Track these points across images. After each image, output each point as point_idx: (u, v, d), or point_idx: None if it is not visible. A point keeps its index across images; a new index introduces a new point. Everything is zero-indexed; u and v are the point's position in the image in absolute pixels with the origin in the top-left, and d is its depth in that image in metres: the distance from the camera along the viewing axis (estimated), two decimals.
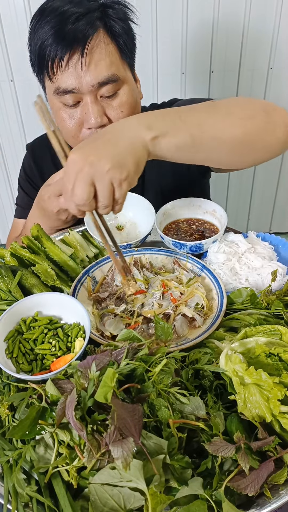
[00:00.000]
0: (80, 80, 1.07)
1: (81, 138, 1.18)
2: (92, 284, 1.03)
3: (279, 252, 1.09)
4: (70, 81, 1.08)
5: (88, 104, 1.11)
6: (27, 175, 1.49)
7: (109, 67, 1.08)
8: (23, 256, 1.05)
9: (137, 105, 1.22)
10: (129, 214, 1.23)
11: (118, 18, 1.09)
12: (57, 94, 1.11)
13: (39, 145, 1.47)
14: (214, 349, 0.82)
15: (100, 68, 1.07)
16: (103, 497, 0.59)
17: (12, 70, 2.30)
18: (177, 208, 1.21)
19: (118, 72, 1.10)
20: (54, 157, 1.42)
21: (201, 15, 2.17)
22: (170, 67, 2.33)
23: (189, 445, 0.68)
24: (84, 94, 1.09)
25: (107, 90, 1.10)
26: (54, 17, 1.05)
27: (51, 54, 1.06)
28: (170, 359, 0.73)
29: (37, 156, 1.46)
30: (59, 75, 1.08)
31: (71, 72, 1.06)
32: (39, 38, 1.08)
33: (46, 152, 1.42)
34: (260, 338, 0.77)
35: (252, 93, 2.44)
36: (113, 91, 1.11)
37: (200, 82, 2.38)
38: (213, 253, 1.07)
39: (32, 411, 0.67)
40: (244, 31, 2.23)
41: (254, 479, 0.62)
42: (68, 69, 1.06)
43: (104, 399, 0.60)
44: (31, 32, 1.11)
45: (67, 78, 1.08)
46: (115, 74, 1.09)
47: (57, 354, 0.83)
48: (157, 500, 0.57)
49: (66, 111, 1.14)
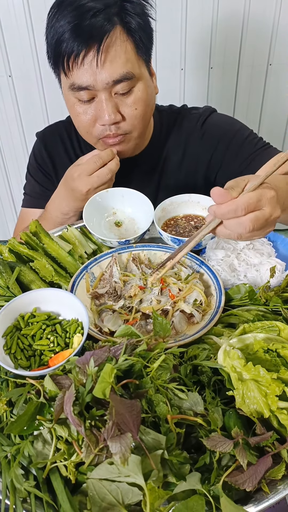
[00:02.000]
0: (95, 78, 1.07)
1: (95, 134, 1.18)
2: (90, 280, 1.03)
3: (277, 249, 1.09)
4: (85, 78, 1.07)
5: (102, 101, 1.10)
6: (38, 163, 1.48)
7: (124, 65, 1.07)
8: (21, 252, 1.05)
9: (151, 101, 1.22)
10: (128, 210, 1.23)
11: (136, 13, 1.08)
12: (72, 89, 1.11)
13: (50, 133, 1.46)
14: (213, 345, 0.82)
15: (116, 66, 1.06)
16: (101, 492, 0.59)
17: (11, 65, 2.29)
18: (175, 204, 1.20)
19: (133, 70, 1.10)
20: (65, 145, 1.43)
21: (200, 11, 2.16)
22: (169, 63, 2.32)
23: (187, 440, 0.68)
24: (99, 91, 1.09)
25: (121, 88, 1.10)
26: (71, 11, 1.04)
27: (67, 50, 1.05)
28: (168, 355, 0.73)
29: (49, 144, 1.45)
30: (74, 71, 1.08)
31: (87, 69, 1.06)
32: (56, 32, 1.07)
33: (57, 140, 1.43)
34: (258, 334, 0.77)
35: (252, 89, 2.44)
36: (128, 88, 1.11)
37: (199, 78, 2.38)
38: (211, 249, 1.06)
39: (30, 407, 0.67)
40: (244, 27, 2.23)
41: (252, 475, 0.62)
42: (84, 65, 1.06)
43: (102, 395, 0.60)
44: (48, 24, 1.10)
45: (82, 75, 1.07)
46: (130, 71, 1.09)
47: (55, 350, 0.83)
48: (155, 495, 0.57)
49: (80, 106, 1.14)
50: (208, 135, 1.34)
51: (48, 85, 2.37)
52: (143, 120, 1.19)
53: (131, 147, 1.25)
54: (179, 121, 1.38)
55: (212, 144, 1.33)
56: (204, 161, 1.36)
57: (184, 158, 1.38)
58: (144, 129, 1.23)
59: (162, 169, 1.39)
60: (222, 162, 1.33)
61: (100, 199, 1.20)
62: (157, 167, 1.39)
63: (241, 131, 1.33)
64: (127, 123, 1.16)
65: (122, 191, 1.21)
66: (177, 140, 1.37)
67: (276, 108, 2.50)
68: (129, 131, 1.18)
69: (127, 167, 1.29)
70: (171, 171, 1.39)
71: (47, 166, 1.46)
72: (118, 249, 1.10)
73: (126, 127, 1.17)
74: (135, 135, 1.21)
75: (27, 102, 2.42)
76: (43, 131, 1.49)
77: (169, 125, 1.38)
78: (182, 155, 1.37)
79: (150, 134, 1.36)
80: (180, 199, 1.20)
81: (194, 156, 1.36)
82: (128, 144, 1.22)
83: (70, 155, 1.44)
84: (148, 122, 1.25)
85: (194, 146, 1.36)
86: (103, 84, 1.08)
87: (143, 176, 1.38)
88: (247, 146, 1.31)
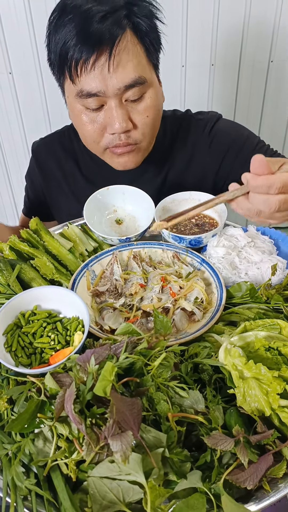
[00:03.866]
0: (106, 83, 1.02)
1: (102, 144, 1.13)
2: (91, 278, 1.03)
3: (279, 246, 1.09)
4: (95, 83, 1.02)
5: (112, 108, 1.05)
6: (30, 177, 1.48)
7: (136, 69, 1.03)
8: (22, 249, 1.05)
9: (161, 109, 1.18)
10: (129, 208, 1.23)
11: (144, 16, 1.04)
12: (80, 97, 1.06)
13: (45, 147, 1.42)
14: (213, 343, 0.82)
15: (128, 71, 1.02)
16: (102, 490, 0.59)
17: (11, 62, 2.28)
18: (176, 202, 1.20)
19: (145, 74, 1.05)
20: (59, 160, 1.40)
21: (201, 8, 2.15)
22: (170, 60, 2.31)
23: (188, 438, 0.68)
24: (109, 97, 1.04)
25: (133, 94, 1.05)
26: (78, 15, 0.99)
27: (75, 55, 1.00)
28: (169, 353, 0.73)
29: (42, 161, 1.42)
30: (83, 77, 1.02)
31: (97, 74, 1.01)
32: (61, 37, 1.01)
33: (50, 156, 1.40)
34: (259, 332, 0.77)
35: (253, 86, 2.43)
36: (139, 95, 1.06)
37: (201, 75, 2.36)
38: (212, 247, 1.06)
39: (31, 405, 0.67)
40: (245, 23, 2.21)
41: (253, 473, 0.62)
42: (94, 70, 1.01)
43: (103, 393, 0.60)
44: (50, 30, 1.05)
45: (91, 80, 1.02)
46: (142, 76, 1.04)
47: (56, 347, 0.83)
48: (156, 493, 0.57)
49: (88, 114, 1.09)
50: (217, 143, 1.31)
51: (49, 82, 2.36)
52: (153, 129, 1.15)
53: (139, 159, 1.20)
54: (184, 128, 1.35)
55: (221, 152, 1.30)
56: (213, 169, 1.33)
57: (190, 166, 1.35)
58: (152, 139, 1.19)
59: (165, 177, 1.36)
60: (231, 170, 1.31)
61: (100, 196, 1.19)
62: (160, 175, 1.35)
63: (250, 139, 1.31)
64: (138, 132, 1.11)
65: (122, 189, 1.21)
66: (182, 147, 1.34)
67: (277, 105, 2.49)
68: (139, 141, 1.13)
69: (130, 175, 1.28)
70: (176, 179, 1.36)
71: (38, 181, 1.45)
72: (119, 247, 1.10)
73: (137, 136, 1.12)
74: (144, 146, 1.17)
75: (27, 99, 2.42)
76: (37, 146, 1.44)
77: (173, 132, 1.35)
78: (188, 162, 1.34)
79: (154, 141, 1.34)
80: (181, 196, 1.20)
81: (201, 164, 1.33)
82: (137, 155, 1.18)
83: (65, 171, 1.40)
84: (156, 131, 1.21)
85: (201, 154, 1.33)
86: (114, 90, 1.03)
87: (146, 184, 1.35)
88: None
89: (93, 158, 1.32)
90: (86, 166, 1.38)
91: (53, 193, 1.44)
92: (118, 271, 1.04)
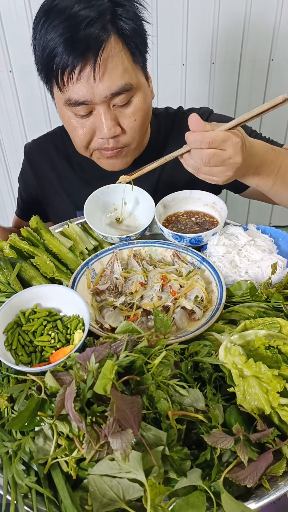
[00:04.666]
0: (93, 91, 1.02)
1: (92, 147, 1.15)
2: (91, 277, 1.03)
3: (279, 245, 1.09)
4: (82, 92, 1.02)
5: (101, 114, 1.06)
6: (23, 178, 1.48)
7: (122, 76, 1.03)
8: (22, 248, 1.05)
9: (150, 110, 1.18)
10: (129, 206, 1.23)
11: (129, 18, 1.02)
12: (68, 105, 1.07)
13: (37, 149, 1.42)
14: (214, 341, 0.82)
15: (114, 78, 1.02)
16: (102, 488, 0.59)
17: (11, 60, 2.28)
18: (176, 201, 1.20)
19: (131, 80, 1.05)
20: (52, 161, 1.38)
21: (202, 6, 2.15)
22: (170, 58, 2.31)
23: (188, 436, 0.68)
24: (97, 104, 1.05)
25: (120, 100, 1.06)
26: (63, 21, 0.97)
27: (61, 64, 0.99)
28: (169, 351, 0.73)
29: (35, 163, 1.42)
30: (70, 86, 1.02)
31: (83, 83, 1.01)
32: (47, 45, 1.00)
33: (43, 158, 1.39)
34: (259, 331, 0.77)
35: (253, 85, 2.42)
36: (126, 100, 1.07)
37: (201, 73, 2.36)
38: (212, 245, 1.06)
39: (31, 403, 0.67)
40: (246, 22, 2.21)
41: (252, 471, 0.62)
42: (80, 80, 1.01)
43: (103, 391, 0.60)
44: (35, 34, 1.04)
45: (79, 89, 1.02)
46: (128, 83, 1.04)
47: (56, 346, 0.83)
48: (156, 491, 0.57)
49: (77, 120, 1.10)
50: None
51: None
52: (141, 130, 1.15)
53: (128, 161, 1.22)
54: (177, 124, 1.35)
55: None
56: None
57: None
58: (142, 139, 1.20)
59: (160, 174, 1.35)
60: None
61: (101, 195, 1.19)
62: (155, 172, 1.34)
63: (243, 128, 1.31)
64: (126, 136, 1.13)
65: (123, 187, 1.21)
66: (176, 143, 1.32)
67: None
68: (128, 144, 1.15)
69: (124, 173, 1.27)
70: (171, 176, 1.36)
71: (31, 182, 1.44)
72: (119, 246, 1.10)
73: (126, 140, 1.13)
74: (133, 147, 1.17)
75: (27, 97, 2.41)
76: (30, 147, 1.44)
77: (166, 129, 1.35)
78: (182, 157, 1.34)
79: (148, 139, 1.32)
80: (181, 195, 1.20)
81: None
82: (126, 157, 1.19)
83: (59, 172, 1.40)
84: (146, 131, 1.22)
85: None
86: (101, 98, 1.03)
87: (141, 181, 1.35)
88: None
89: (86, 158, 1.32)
90: (80, 167, 1.38)
91: (48, 194, 1.43)
92: (118, 269, 1.04)
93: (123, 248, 1.10)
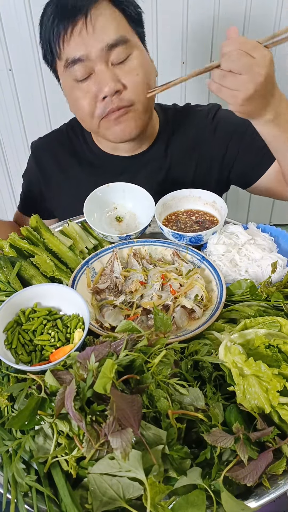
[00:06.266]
0: (87, 46, 1.04)
1: (97, 114, 1.13)
2: (91, 276, 1.03)
3: (279, 244, 1.09)
4: (77, 48, 1.05)
5: (100, 72, 1.07)
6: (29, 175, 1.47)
7: (117, 29, 1.05)
8: (22, 247, 1.05)
9: (151, 74, 1.17)
10: (129, 205, 1.23)
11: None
12: (67, 67, 1.08)
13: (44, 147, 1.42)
14: (214, 340, 0.82)
15: (108, 31, 1.04)
16: (102, 486, 0.60)
17: (11, 58, 2.28)
18: (176, 199, 1.20)
19: (127, 35, 1.07)
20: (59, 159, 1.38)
21: (202, 4, 2.14)
22: (170, 56, 2.30)
23: (188, 435, 0.68)
24: (94, 61, 1.06)
25: (117, 55, 1.06)
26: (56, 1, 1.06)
27: (55, 31, 1.04)
28: (169, 350, 0.73)
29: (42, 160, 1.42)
30: (65, 47, 1.06)
31: (77, 40, 1.04)
32: (44, 24, 1.07)
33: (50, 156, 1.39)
34: (259, 330, 0.77)
35: None
36: (124, 56, 1.07)
37: None
38: (212, 244, 1.06)
39: (31, 402, 0.67)
40: (245, 20, 2.21)
41: (252, 469, 0.62)
42: (74, 36, 1.04)
43: (103, 390, 0.60)
44: (40, 26, 1.09)
45: (73, 47, 1.05)
46: (123, 35, 1.06)
47: (56, 345, 0.83)
48: (156, 489, 0.57)
49: (79, 87, 1.10)
50: (221, 129, 1.32)
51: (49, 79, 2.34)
52: (144, 87, 1.12)
53: (137, 125, 1.17)
54: (185, 118, 1.36)
55: (226, 138, 1.31)
56: (219, 154, 1.34)
57: (195, 155, 1.35)
58: (147, 101, 1.16)
59: (169, 168, 1.36)
60: (238, 154, 1.32)
61: (100, 194, 1.19)
62: (164, 164, 1.36)
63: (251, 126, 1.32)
64: (129, 91, 1.11)
65: (123, 186, 1.21)
66: (185, 137, 1.35)
67: None
68: (132, 101, 1.12)
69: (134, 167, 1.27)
70: (180, 170, 1.37)
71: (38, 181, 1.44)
72: (119, 244, 1.10)
73: (129, 96, 1.11)
74: (139, 108, 1.14)
75: (27, 96, 2.41)
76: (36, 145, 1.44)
77: (175, 122, 1.36)
78: (192, 151, 1.35)
79: (156, 131, 1.33)
80: (181, 194, 1.20)
81: (207, 150, 1.34)
82: (133, 119, 1.15)
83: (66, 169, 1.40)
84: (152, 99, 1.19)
85: (206, 140, 1.33)
86: (97, 52, 1.04)
87: (150, 174, 1.35)
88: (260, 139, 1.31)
89: (94, 153, 1.32)
90: (87, 163, 1.37)
91: (54, 192, 1.43)
92: (118, 268, 1.04)
93: (123, 247, 1.10)
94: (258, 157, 1.28)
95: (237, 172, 1.37)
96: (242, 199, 2.90)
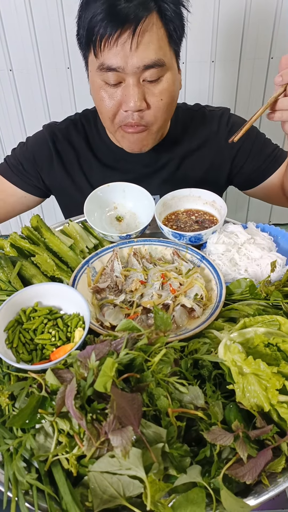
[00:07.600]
0: (126, 60, 1.05)
1: (117, 121, 1.16)
2: (91, 275, 1.03)
3: (278, 243, 1.09)
4: (116, 59, 1.05)
5: (129, 86, 1.08)
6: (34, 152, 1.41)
7: (157, 51, 1.06)
8: (23, 246, 1.05)
9: (176, 95, 1.20)
10: (129, 204, 1.23)
11: (171, 2, 1.06)
12: (100, 70, 1.09)
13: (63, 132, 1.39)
14: (213, 339, 0.82)
15: (149, 51, 1.05)
16: (103, 484, 0.60)
17: (11, 59, 2.28)
18: (176, 199, 1.20)
19: (165, 58, 1.08)
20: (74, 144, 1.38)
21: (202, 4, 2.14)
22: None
23: (188, 433, 0.68)
24: (127, 74, 1.07)
25: (150, 75, 1.08)
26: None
27: (101, 30, 1.03)
28: (169, 349, 0.73)
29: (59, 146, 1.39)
30: (105, 51, 1.06)
31: (119, 50, 1.04)
32: (90, 12, 1.05)
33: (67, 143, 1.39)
34: (259, 328, 0.77)
35: (253, 83, 2.42)
36: (157, 77, 1.09)
37: (201, 71, 2.36)
38: (212, 243, 1.06)
39: (32, 400, 0.67)
40: (245, 20, 2.21)
41: (252, 467, 0.62)
42: (116, 47, 1.04)
43: (103, 389, 0.61)
44: (82, 6, 1.08)
45: (113, 56, 1.05)
46: (161, 59, 1.07)
47: (56, 344, 0.83)
48: (156, 487, 0.58)
49: (106, 90, 1.12)
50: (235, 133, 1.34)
51: (49, 79, 2.35)
52: (165, 113, 1.17)
53: (148, 143, 1.23)
54: (197, 118, 1.38)
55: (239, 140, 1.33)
56: (229, 157, 1.37)
57: (204, 154, 1.37)
58: (164, 124, 1.21)
59: (178, 166, 1.37)
60: (247, 158, 1.36)
61: (101, 193, 1.20)
62: (174, 161, 1.37)
63: (259, 133, 1.38)
64: (150, 113, 1.14)
65: (123, 186, 1.21)
66: (195, 136, 1.37)
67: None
68: (150, 123, 1.16)
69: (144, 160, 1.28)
70: (189, 167, 1.38)
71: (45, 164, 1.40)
72: (119, 244, 1.10)
73: (149, 118, 1.14)
74: (155, 129, 1.18)
75: (28, 96, 2.41)
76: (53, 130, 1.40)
77: (185, 122, 1.37)
78: (202, 150, 1.37)
79: (167, 129, 1.34)
80: (181, 193, 1.20)
81: (218, 152, 1.37)
82: (146, 137, 1.20)
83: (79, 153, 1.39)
84: (169, 117, 1.23)
85: (219, 142, 1.36)
86: (133, 68, 1.05)
87: (157, 172, 1.36)
88: (269, 145, 1.37)
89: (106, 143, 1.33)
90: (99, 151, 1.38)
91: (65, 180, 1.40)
92: (118, 268, 1.04)
93: (123, 247, 1.10)
94: (265, 163, 1.34)
95: (243, 176, 1.40)
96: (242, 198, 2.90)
